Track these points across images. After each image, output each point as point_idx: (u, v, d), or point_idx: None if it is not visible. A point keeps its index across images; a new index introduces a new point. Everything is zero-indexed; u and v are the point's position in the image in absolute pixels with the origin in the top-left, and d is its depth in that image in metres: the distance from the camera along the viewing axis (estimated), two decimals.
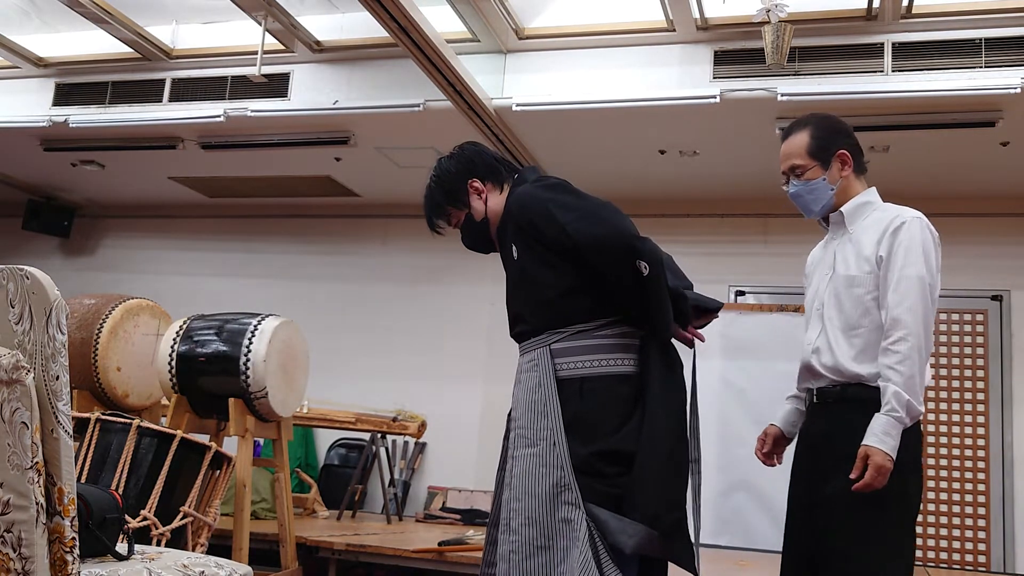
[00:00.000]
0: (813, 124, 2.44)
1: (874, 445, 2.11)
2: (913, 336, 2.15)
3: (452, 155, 2.46)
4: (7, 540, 1.64)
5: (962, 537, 5.27)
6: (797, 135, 2.44)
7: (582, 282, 2.18)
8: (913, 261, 2.22)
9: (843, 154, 2.40)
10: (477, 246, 2.49)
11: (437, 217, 2.46)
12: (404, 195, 6.37)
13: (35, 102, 5.56)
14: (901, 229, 2.26)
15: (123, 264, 7.29)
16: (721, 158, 5.25)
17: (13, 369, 1.65)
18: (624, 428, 2.10)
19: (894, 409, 2.12)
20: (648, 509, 2.03)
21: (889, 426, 2.11)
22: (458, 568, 4.03)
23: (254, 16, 4.65)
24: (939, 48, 4.26)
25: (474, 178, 2.40)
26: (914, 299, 2.18)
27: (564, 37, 4.75)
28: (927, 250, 2.25)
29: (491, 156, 2.46)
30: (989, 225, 5.46)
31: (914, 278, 2.20)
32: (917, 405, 2.13)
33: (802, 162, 2.41)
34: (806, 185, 2.42)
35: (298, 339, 4.00)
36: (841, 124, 2.47)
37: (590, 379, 2.15)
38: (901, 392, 2.12)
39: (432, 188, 2.46)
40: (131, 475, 3.16)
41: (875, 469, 2.09)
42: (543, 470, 2.09)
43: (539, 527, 2.07)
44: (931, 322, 2.21)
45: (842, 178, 2.40)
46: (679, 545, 2.08)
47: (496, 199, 2.39)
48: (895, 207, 2.38)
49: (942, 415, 5.41)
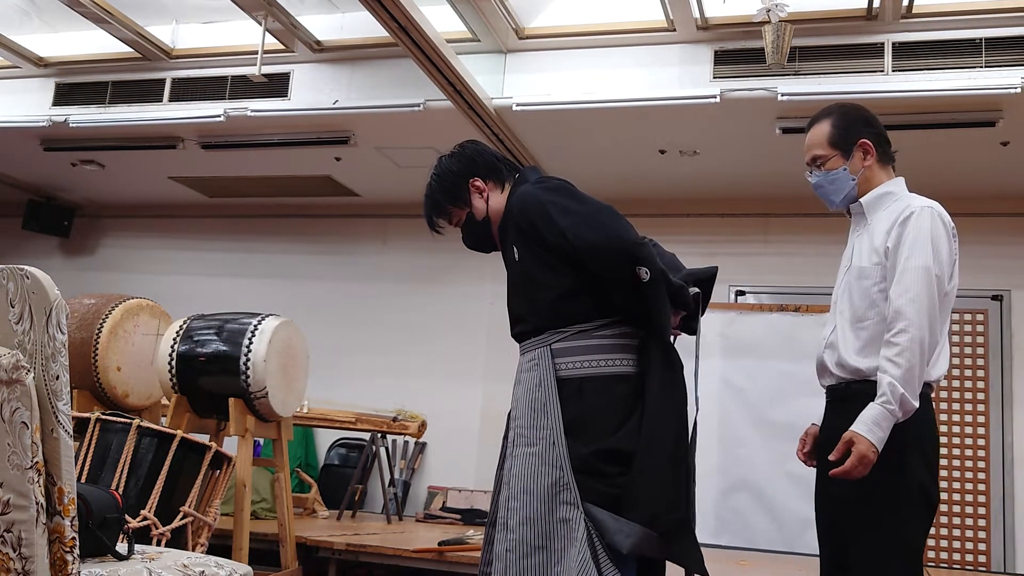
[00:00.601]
0: (835, 114, 2.40)
1: (860, 433, 2.08)
2: (915, 328, 2.11)
3: (453, 154, 2.46)
4: (7, 540, 1.64)
5: (962, 537, 5.27)
6: (819, 125, 2.40)
7: (582, 283, 2.17)
8: (919, 251, 2.17)
9: (865, 143, 2.36)
10: (478, 246, 2.49)
11: (437, 216, 2.45)
12: (404, 195, 6.37)
13: (35, 102, 5.56)
14: (910, 219, 2.22)
15: (123, 264, 7.29)
16: (721, 158, 5.25)
17: (13, 369, 1.65)
18: (624, 428, 2.10)
19: (888, 401, 2.08)
20: (646, 509, 2.02)
21: (880, 417, 2.08)
22: (458, 568, 4.03)
23: (254, 16, 4.65)
24: (939, 48, 4.26)
25: (475, 177, 2.40)
26: (918, 290, 2.14)
27: (564, 37, 4.75)
28: (936, 240, 2.19)
29: (492, 155, 2.45)
30: (989, 225, 5.46)
31: (919, 269, 2.16)
32: (912, 400, 2.09)
33: (823, 152, 2.38)
34: (827, 176, 2.38)
35: (298, 339, 4.00)
36: (864, 113, 2.42)
37: (590, 379, 2.15)
38: (897, 385, 2.08)
39: (433, 187, 2.45)
40: (131, 475, 3.16)
41: (857, 458, 2.06)
42: (542, 469, 2.09)
43: (537, 526, 2.07)
44: (936, 314, 2.16)
45: (864, 168, 2.36)
46: (682, 546, 2.06)
47: (497, 198, 2.39)
48: (912, 196, 2.33)
49: (942, 415, 5.41)
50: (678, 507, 2.07)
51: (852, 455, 2.07)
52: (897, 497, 2.15)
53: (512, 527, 2.10)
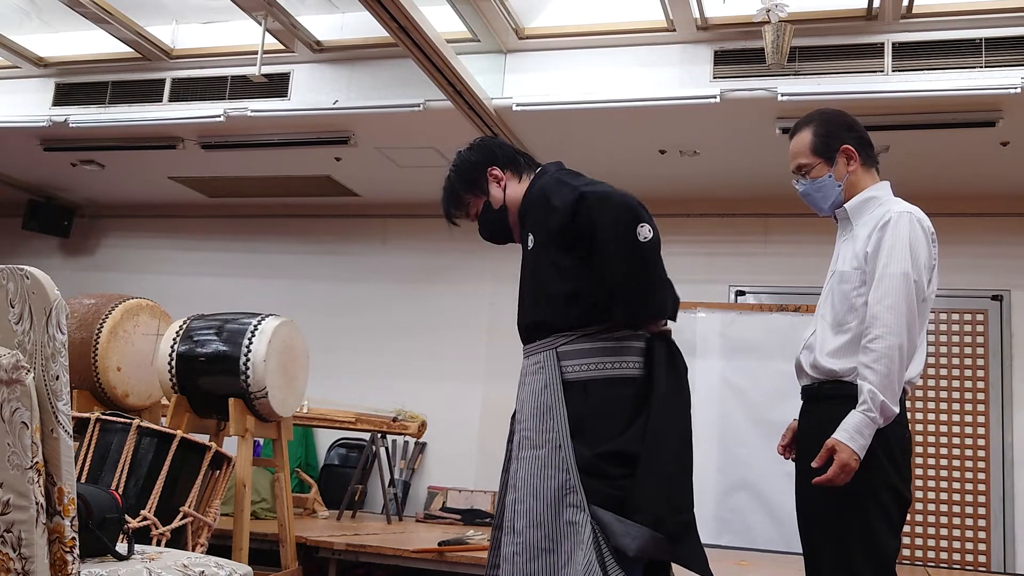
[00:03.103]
0: (816, 121, 2.42)
1: (843, 441, 2.10)
2: (892, 334, 2.13)
3: (472, 146, 2.49)
4: (7, 540, 1.63)
5: (962, 537, 5.27)
6: (801, 134, 2.43)
7: (588, 286, 2.17)
8: (897, 258, 2.19)
9: (847, 149, 2.37)
10: (494, 237, 2.49)
11: (455, 207, 2.47)
12: (404, 195, 6.37)
13: (35, 102, 5.56)
14: (888, 225, 2.24)
15: (123, 264, 7.29)
16: (721, 158, 5.25)
17: (13, 369, 1.65)
18: (629, 430, 2.09)
19: (869, 408, 2.11)
20: (652, 512, 2.01)
21: (862, 425, 2.10)
22: (458, 568, 4.03)
23: (254, 16, 4.65)
24: (939, 48, 4.26)
25: (493, 166, 2.42)
26: (895, 296, 2.16)
27: (564, 37, 4.75)
28: (915, 246, 2.21)
29: (511, 147, 2.49)
30: (989, 225, 5.46)
31: (897, 275, 2.17)
32: (892, 406, 2.12)
33: (807, 160, 2.40)
34: (813, 183, 2.40)
35: (298, 339, 4.00)
36: (845, 118, 2.44)
37: (595, 381, 2.14)
38: (877, 392, 2.10)
39: (451, 178, 2.46)
40: (131, 475, 3.16)
41: (839, 466, 2.09)
42: (548, 472, 2.09)
43: (544, 529, 2.07)
44: (915, 319, 2.18)
45: (849, 173, 2.37)
46: (687, 548, 2.06)
47: (515, 188, 2.41)
48: (894, 201, 2.35)
49: (942, 415, 5.41)
50: (683, 509, 2.07)
51: (835, 463, 2.10)
52: (866, 498, 2.17)
53: (519, 530, 2.10)
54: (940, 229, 2.33)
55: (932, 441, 5.40)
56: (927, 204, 2.47)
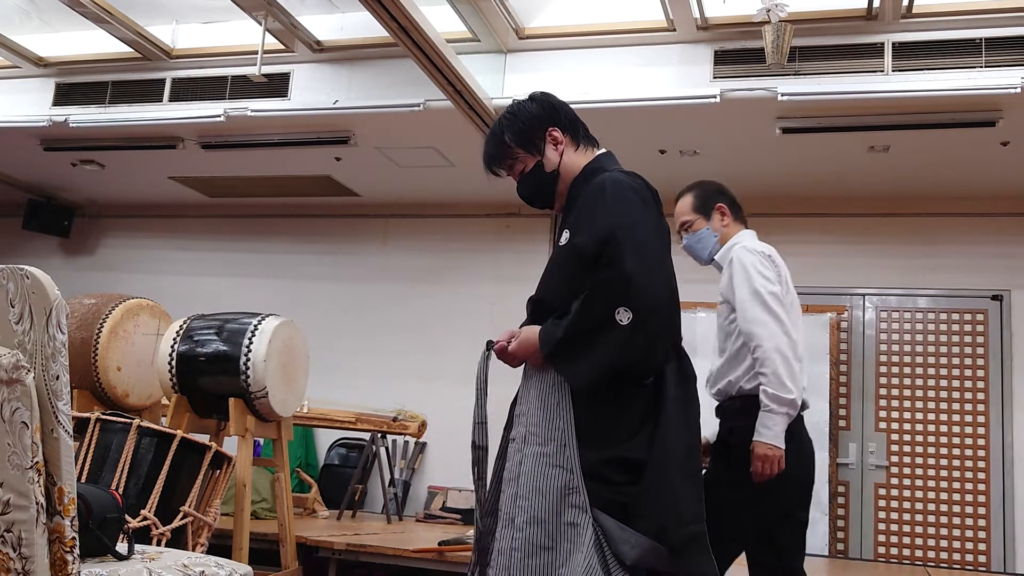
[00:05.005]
0: (696, 188, 2.94)
1: (755, 439, 2.50)
2: (766, 340, 2.52)
3: (534, 99, 2.28)
4: (7, 540, 1.64)
5: (962, 537, 5.27)
6: (684, 198, 2.92)
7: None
8: (740, 283, 2.62)
9: (721, 207, 2.87)
10: (535, 200, 2.30)
11: (500, 160, 2.26)
12: (404, 195, 6.37)
13: (35, 102, 5.56)
14: (731, 263, 2.68)
15: (123, 264, 7.29)
16: (721, 158, 5.25)
17: (13, 369, 1.65)
18: (635, 437, 2.06)
19: (765, 404, 2.50)
20: (655, 521, 1.98)
21: (766, 419, 2.50)
22: (458, 568, 4.03)
23: (254, 16, 4.65)
24: (939, 48, 4.26)
25: (555, 126, 2.23)
26: (754, 312, 2.56)
27: (564, 37, 4.75)
28: (750, 268, 2.61)
29: (574, 112, 2.30)
30: (989, 225, 5.45)
31: (747, 299, 2.59)
32: (784, 394, 2.48)
33: (689, 217, 2.88)
34: (694, 236, 2.87)
35: (298, 339, 4.00)
36: (717, 185, 2.96)
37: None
38: (767, 389, 2.50)
39: (503, 125, 2.24)
40: (131, 475, 3.16)
41: (758, 459, 2.48)
42: (553, 471, 2.07)
43: (544, 527, 2.05)
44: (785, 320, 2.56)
45: (723, 227, 2.86)
46: (693, 561, 2.00)
47: (571, 156, 2.23)
48: (741, 243, 2.75)
49: (942, 415, 5.41)
50: (689, 521, 2.02)
51: (753, 459, 2.49)
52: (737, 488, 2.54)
53: (519, 525, 2.08)
54: (940, 229, 2.35)
55: (932, 441, 5.40)
56: (927, 204, 2.48)
